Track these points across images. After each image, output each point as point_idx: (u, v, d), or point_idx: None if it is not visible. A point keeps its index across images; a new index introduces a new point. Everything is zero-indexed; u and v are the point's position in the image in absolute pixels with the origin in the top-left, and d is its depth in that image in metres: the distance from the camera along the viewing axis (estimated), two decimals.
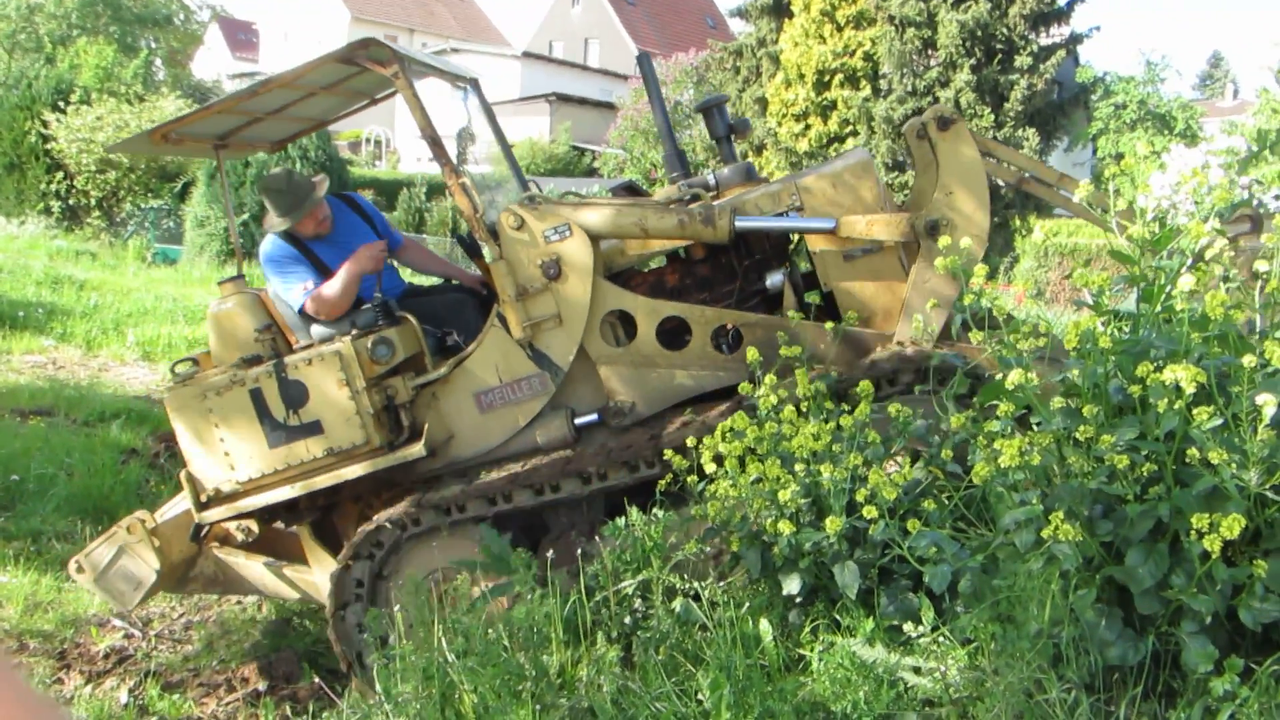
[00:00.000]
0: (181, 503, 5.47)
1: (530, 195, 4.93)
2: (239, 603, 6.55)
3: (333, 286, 5.14)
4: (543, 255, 4.76)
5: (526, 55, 45.03)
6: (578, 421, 4.91)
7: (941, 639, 3.31)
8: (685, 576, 4.04)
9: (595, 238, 4.82)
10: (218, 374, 4.85)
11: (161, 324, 14.09)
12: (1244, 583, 2.84)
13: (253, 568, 5.57)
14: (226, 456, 4.82)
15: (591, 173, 32.58)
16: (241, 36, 61.85)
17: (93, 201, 25.05)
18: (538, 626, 3.87)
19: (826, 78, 20.52)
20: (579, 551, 4.14)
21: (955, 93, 18.34)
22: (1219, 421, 2.85)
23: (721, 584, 4.01)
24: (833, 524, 3.37)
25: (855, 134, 20.24)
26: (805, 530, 3.63)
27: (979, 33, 16.97)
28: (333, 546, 5.34)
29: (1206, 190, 3.17)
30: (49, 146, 24.61)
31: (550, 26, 54.51)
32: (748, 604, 3.83)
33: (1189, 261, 3.10)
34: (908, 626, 3.32)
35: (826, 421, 3.79)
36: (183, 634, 6.25)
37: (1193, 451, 2.80)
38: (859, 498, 3.34)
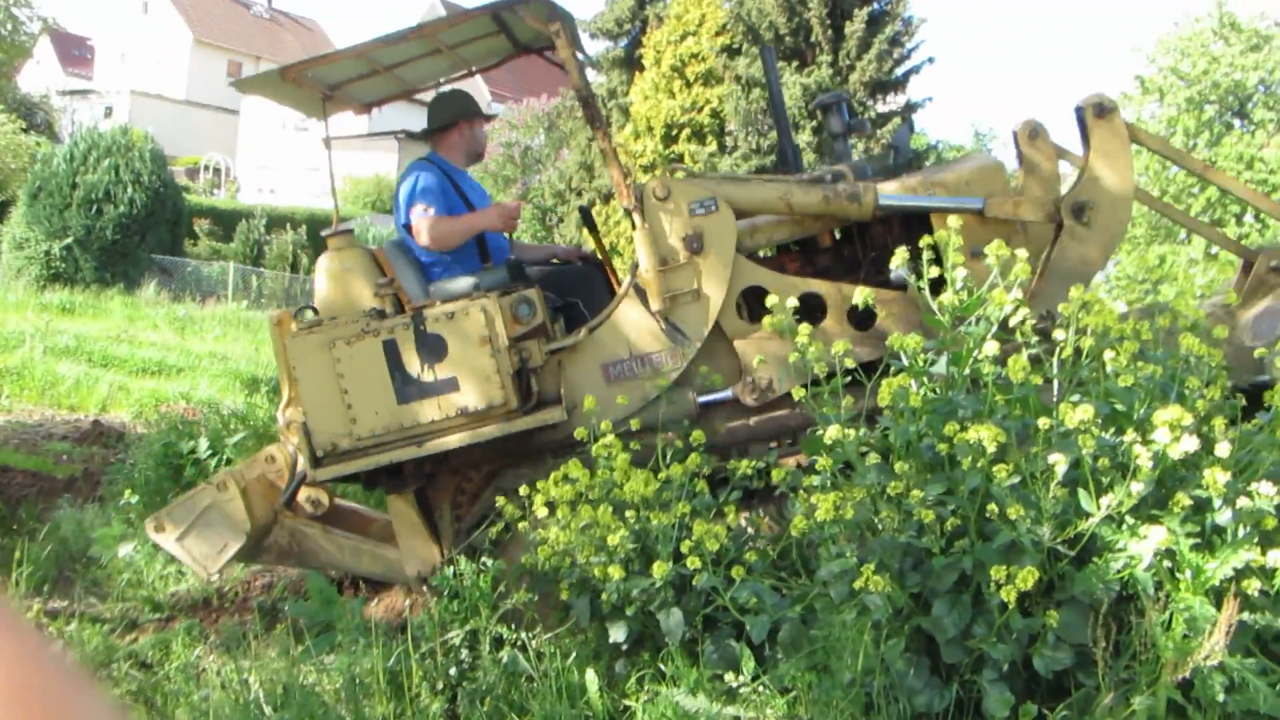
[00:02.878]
0: (257, 466, 5.21)
1: (678, 166, 4.83)
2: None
3: (454, 223, 5.06)
4: (687, 228, 4.71)
5: None
6: (701, 400, 4.72)
7: (762, 688, 3.38)
8: (513, 626, 4.03)
9: (740, 213, 4.79)
10: (349, 322, 4.60)
11: None
12: (1039, 632, 3.00)
13: (331, 540, 5.24)
14: (349, 410, 4.57)
15: None
16: (75, 52, 59.07)
17: None
18: (360, 678, 3.79)
19: (675, 131, 20.95)
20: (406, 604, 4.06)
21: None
22: (1017, 479, 3.02)
23: (550, 635, 4.01)
24: (659, 569, 3.41)
25: None
26: (634, 577, 3.66)
27: (821, 94, 17.68)
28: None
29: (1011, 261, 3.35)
30: None
31: None
32: (574, 654, 3.84)
33: (993, 328, 3.28)
34: (729, 676, 3.38)
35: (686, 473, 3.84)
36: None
37: (992, 507, 2.94)
38: (684, 548, 3.39)
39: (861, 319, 4.74)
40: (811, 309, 4.67)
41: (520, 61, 6.08)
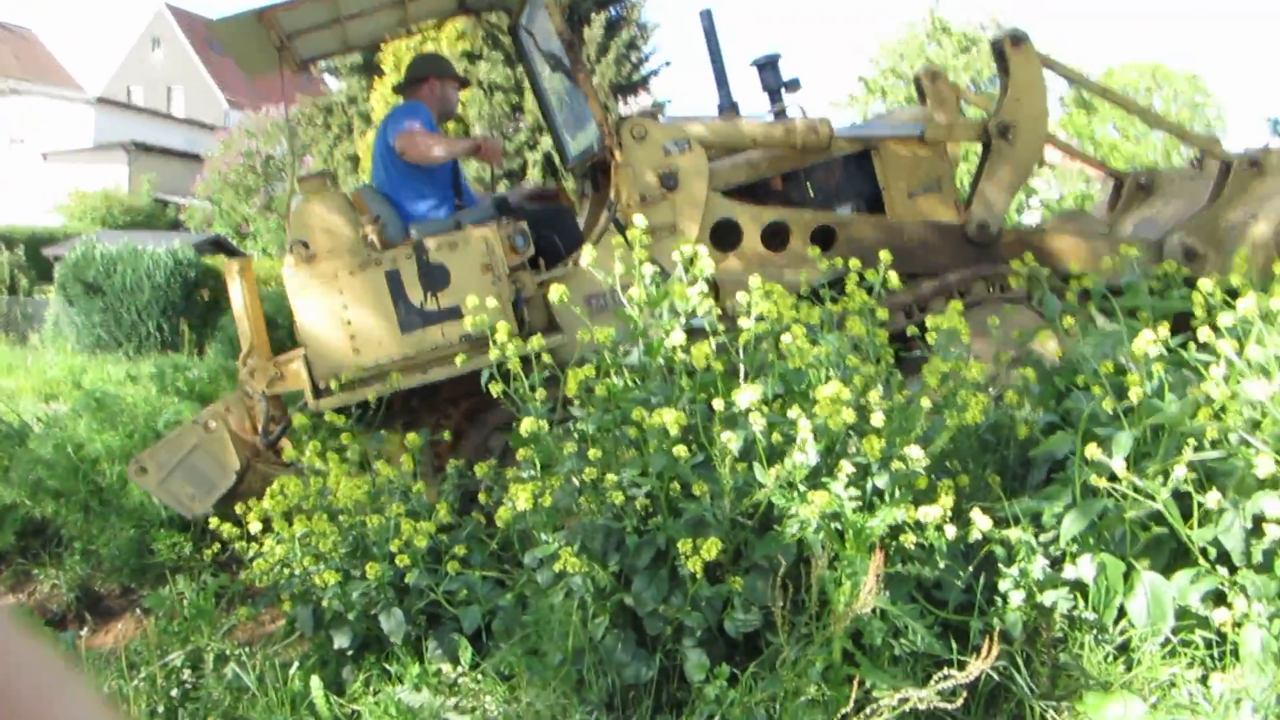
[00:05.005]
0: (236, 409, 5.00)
1: (655, 106, 4.88)
2: None
3: (439, 141, 5.20)
4: (663, 166, 4.98)
5: (102, 101, 40.98)
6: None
7: (481, 676, 3.40)
8: (237, 642, 3.89)
9: (709, 148, 5.09)
10: (351, 253, 4.63)
11: None
12: (728, 598, 3.15)
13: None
14: (351, 340, 4.62)
15: (176, 225, 30.13)
16: None
17: None
18: None
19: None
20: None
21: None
22: (701, 458, 3.16)
23: (275, 646, 3.89)
24: (372, 570, 3.37)
25: None
26: (353, 581, 3.60)
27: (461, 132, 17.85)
28: None
29: (691, 255, 3.51)
30: None
31: (129, 71, 50.23)
32: (297, 663, 3.73)
33: (682, 320, 3.42)
34: (447, 668, 3.38)
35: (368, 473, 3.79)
36: None
37: (677, 486, 3.07)
38: (394, 547, 3.37)
39: (823, 241, 5.22)
40: (777, 235, 5.21)
41: None
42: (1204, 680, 2.97)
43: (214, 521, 4.01)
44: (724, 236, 5.19)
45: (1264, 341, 3.08)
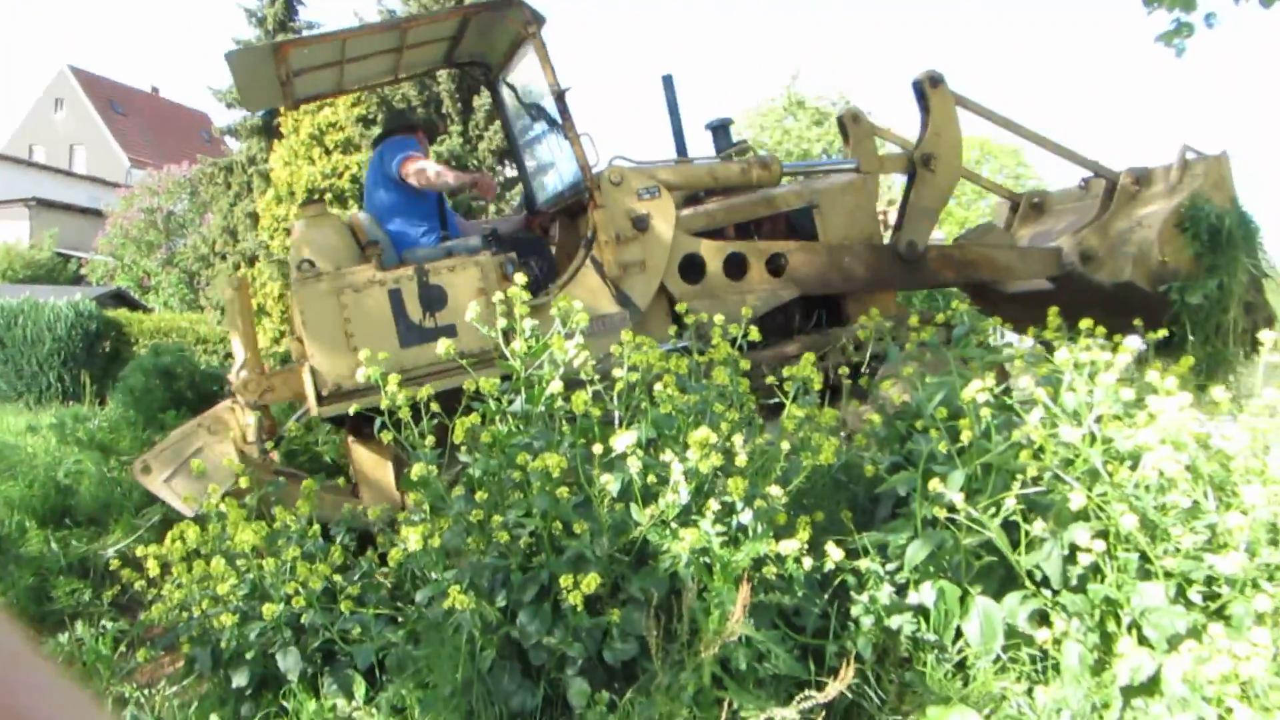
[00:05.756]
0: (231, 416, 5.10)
1: (625, 158, 5.53)
2: None
3: (442, 171, 5.63)
4: (636, 210, 5.50)
5: (2, 158, 40.17)
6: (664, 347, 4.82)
7: (375, 710, 3.54)
8: (137, 685, 3.94)
9: (676, 190, 5.69)
10: (357, 272, 4.94)
11: None
12: (607, 629, 3.36)
13: (296, 490, 4.86)
14: (354, 352, 4.77)
15: (78, 279, 29.78)
16: None
17: None
18: None
19: (316, 195, 20.68)
20: None
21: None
22: (581, 498, 3.38)
23: (175, 687, 3.96)
24: (269, 611, 3.49)
25: None
26: (250, 622, 3.71)
27: (453, 163, 18.04)
28: None
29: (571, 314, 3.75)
30: None
31: (30, 130, 49.18)
32: (196, 703, 3.81)
33: (560, 370, 3.65)
34: (342, 703, 3.51)
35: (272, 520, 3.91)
36: None
37: (559, 525, 3.29)
38: (289, 589, 3.50)
39: (776, 269, 5.86)
40: (736, 264, 5.81)
41: (162, 129, 6.26)
42: (1030, 693, 3.29)
43: (115, 563, 4.08)
44: (690, 269, 5.74)
45: (1075, 389, 3.44)
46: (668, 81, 6.64)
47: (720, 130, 6.51)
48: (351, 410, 4.53)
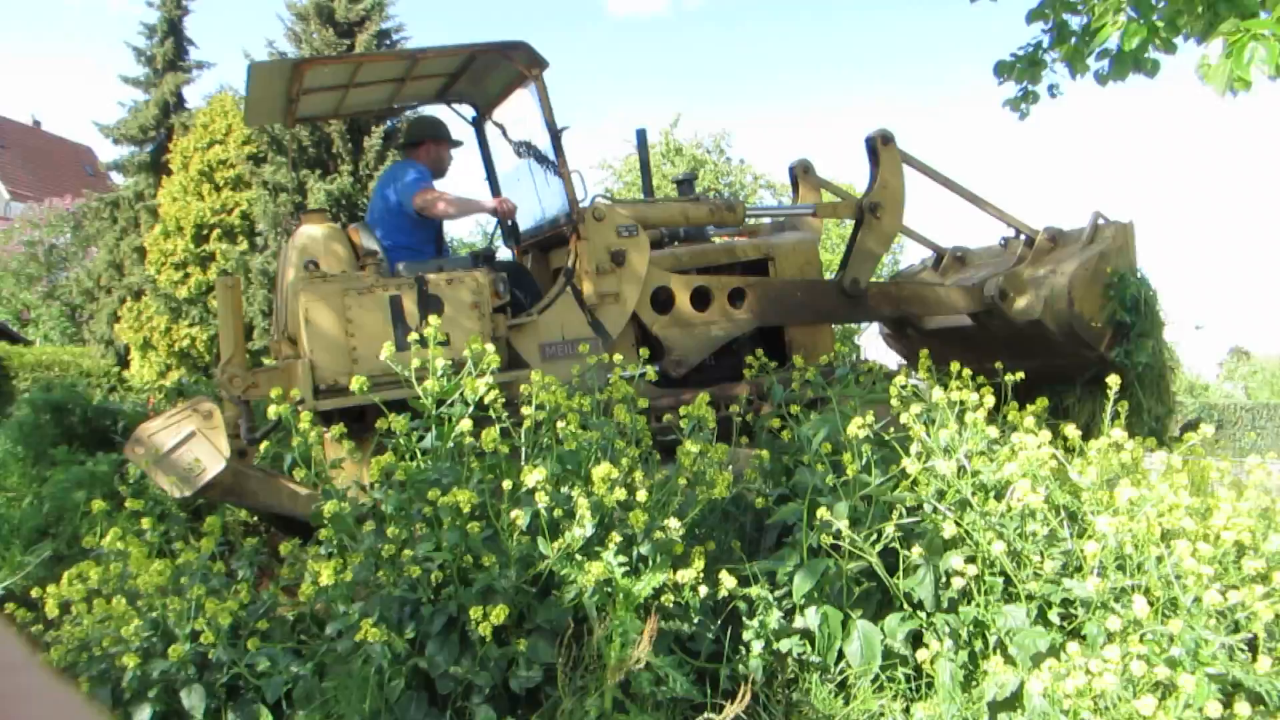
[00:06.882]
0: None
1: (609, 195, 5.34)
2: None
3: (456, 199, 5.77)
4: (615, 245, 5.81)
5: None
6: (625, 375, 4.82)
7: None
8: None
9: (651, 227, 6.10)
10: (362, 277, 5.12)
11: None
12: (514, 657, 3.43)
13: (271, 483, 5.19)
14: (352, 351, 5.01)
15: None
16: None
17: None
18: None
19: (205, 231, 20.29)
20: None
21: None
22: (490, 532, 3.45)
23: None
24: (175, 651, 3.46)
25: None
26: (154, 660, 3.66)
27: (343, 201, 17.90)
28: None
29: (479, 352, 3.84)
30: None
31: None
32: None
33: (471, 408, 3.73)
34: None
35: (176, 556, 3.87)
36: None
37: (468, 558, 3.35)
38: (198, 625, 3.47)
39: (736, 300, 6.29)
40: (702, 297, 6.22)
41: (43, 162, 6.15)
42: (907, 710, 3.48)
43: (9, 607, 3.96)
44: (661, 300, 6.13)
45: (949, 425, 3.68)
46: (641, 135, 7.15)
47: (685, 183, 7.06)
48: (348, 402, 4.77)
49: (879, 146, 6.82)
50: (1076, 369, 6.61)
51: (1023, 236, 7.16)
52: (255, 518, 5.87)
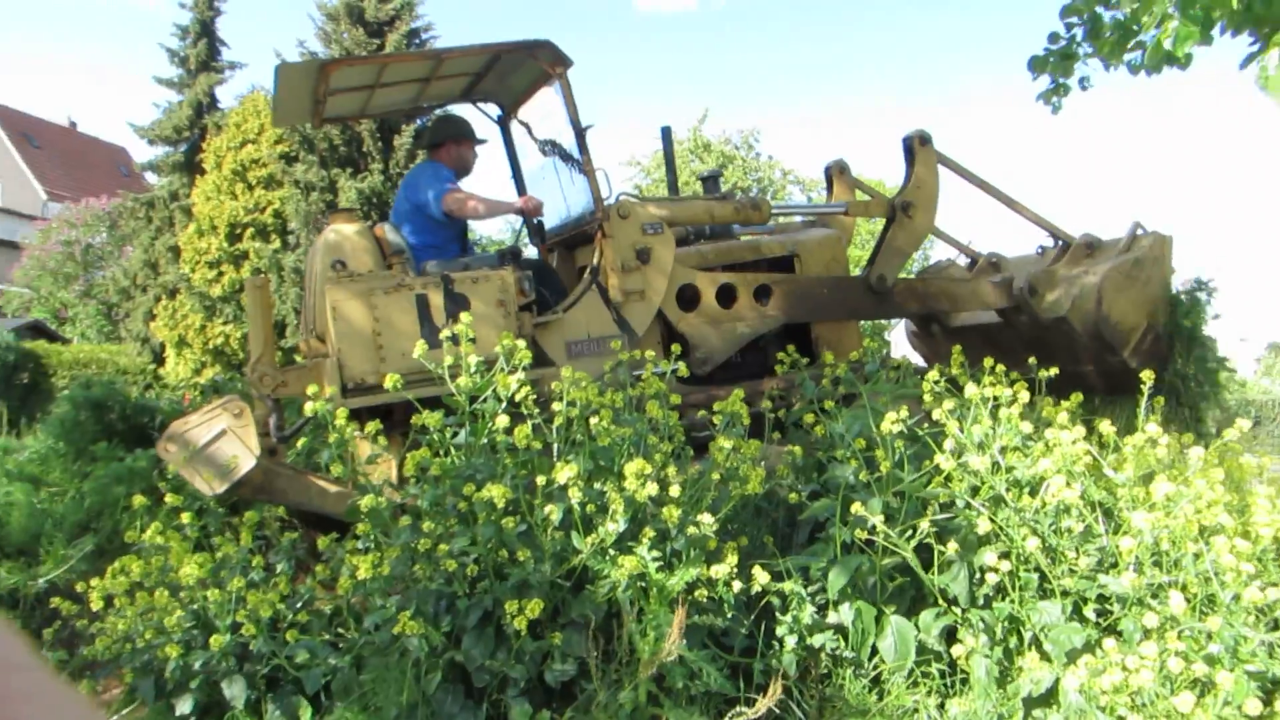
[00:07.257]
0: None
1: (637, 191, 5.32)
2: None
3: (484, 200, 5.78)
4: (640, 243, 5.79)
5: None
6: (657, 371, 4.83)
7: None
8: None
9: (676, 225, 6.10)
10: (389, 276, 5.17)
11: None
12: (548, 651, 3.45)
13: (300, 480, 5.19)
14: (379, 350, 5.04)
15: None
16: None
17: None
18: None
19: (239, 230, 20.48)
20: None
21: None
22: (525, 527, 3.47)
23: (115, 715, 3.91)
24: (216, 641, 3.50)
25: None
26: (194, 652, 3.70)
27: (374, 199, 18.02)
28: None
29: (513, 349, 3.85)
30: None
31: None
32: None
33: (503, 405, 3.74)
34: None
35: (214, 551, 3.91)
36: None
37: (503, 552, 3.37)
38: (240, 617, 3.51)
39: (762, 297, 6.28)
40: (728, 294, 6.20)
41: (78, 163, 6.19)
42: (941, 706, 3.46)
43: (56, 600, 4.02)
44: (686, 298, 6.10)
45: (982, 421, 3.65)
46: (665, 132, 7.16)
47: (710, 180, 7.01)
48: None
49: (916, 146, 6.85)
50: (1099, 376, 6.56)
51: (1059, 243, 7.11)
52: (290, 514, 5.92)
